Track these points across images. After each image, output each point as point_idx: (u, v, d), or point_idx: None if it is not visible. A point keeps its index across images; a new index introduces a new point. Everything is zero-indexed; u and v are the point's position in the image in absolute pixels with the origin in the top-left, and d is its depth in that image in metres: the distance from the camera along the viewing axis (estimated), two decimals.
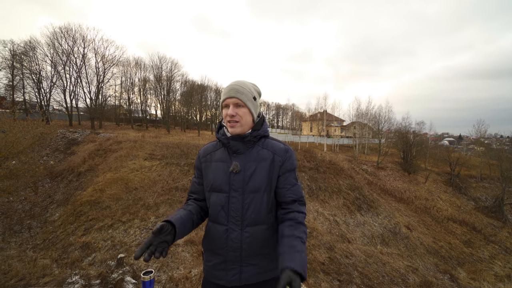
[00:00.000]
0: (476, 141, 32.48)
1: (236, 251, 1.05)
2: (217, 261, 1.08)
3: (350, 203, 13.06)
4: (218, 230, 1.08)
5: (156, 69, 27.61)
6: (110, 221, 7.56)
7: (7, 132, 8.06)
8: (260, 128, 1.14)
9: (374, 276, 6.95)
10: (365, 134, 29.47)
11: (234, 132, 1.09)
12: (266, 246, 1.07)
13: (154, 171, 11.03)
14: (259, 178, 1.07)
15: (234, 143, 1.10)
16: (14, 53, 19.69)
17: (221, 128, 1.18)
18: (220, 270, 1.07)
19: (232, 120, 1.07)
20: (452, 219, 15.39)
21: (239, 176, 1.07)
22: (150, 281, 1.40)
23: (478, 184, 22.21)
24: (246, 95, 1.09)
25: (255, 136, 1.11)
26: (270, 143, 1.15)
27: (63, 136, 16.38)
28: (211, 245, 1.11)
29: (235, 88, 1.08)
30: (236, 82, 1.12)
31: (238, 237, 1.05)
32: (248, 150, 1.11)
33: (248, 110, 1.10)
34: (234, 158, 1.10)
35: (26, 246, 6.99)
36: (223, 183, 1.08)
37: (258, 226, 1.06)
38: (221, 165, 1.11)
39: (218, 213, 1.09)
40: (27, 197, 9.29)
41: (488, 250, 12.64)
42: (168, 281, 5.38)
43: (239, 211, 1.06)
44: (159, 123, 31.40)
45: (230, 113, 1.06)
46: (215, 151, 1.17)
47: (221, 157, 1.13)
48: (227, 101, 1.08)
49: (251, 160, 1.09)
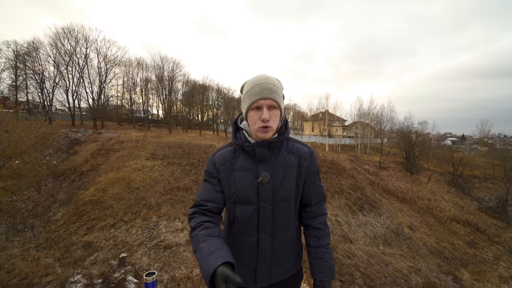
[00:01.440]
0: (479, 141, 32.21)
1: (266, 259, 1.05)
2: (245, 271, 1.05)
3: (352, 203, 13.00)
4: (248, 241, 1.03)
5: (158, 69, 27.68)
6: (112, 221, 7.58)
7: (10, 132, 8.12)
8: (285, 130, 1.05)
9: (377, 277, 6.91)
10: (367, 134, 29.35)
11: (265, 138, 0.97)
12: (292, 246, 1.11)
13: (156, 171, 11.05)
14: (288, 186, 1.02)
15: (259, 150, 0.98)
16: (18, 53, 19.80)
17: (237, 131, 1.07)
18: (249, 276, 1.06)
19: (265, 125, 0.93)
20: (455, 219, 15.27)
21: (268, 186, 0.99)
22: (152, 283, 1.39)
23: (481, 184, 22.02)
24: (279, 94, 0.97)
25: (281, 141, 1.02)
26: (295, 146, 1.07)
27: (65, 136, 16.47)
28: (237, 257, 0.94)
29: (269, 87, 0.94)
30: (266, 79, 0.96)
31: (268, 245, 1.03)
32: (274, 156, 1.02)
33: (280, 112, 0.99)
34: (260, 166, 1.00)
35: (29, 245, 7.03)
36: (251, 195, 0.99)
37: (288, 232, 1.08)
38: (246, 175, 1.00)
39: (247, 225, 1.03)
40: (30, 196, 9.35)
41: (492, 251, 12.52)
42: (170, 281, 5.39)
43: (270, 220, 1.02)
44: (160, 123, 31.47)
45: (265, 118, 0.92)
46: (235, 159, 1.03)
47: (244, 166, 1.01)
48: (260, 102, 0.93)
49: (279, 168, 1.01)
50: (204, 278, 0.74)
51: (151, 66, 27.73)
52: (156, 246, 6.69)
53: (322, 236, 1.10)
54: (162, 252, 6.49)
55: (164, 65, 27.82)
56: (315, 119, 34.85)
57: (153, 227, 7.50)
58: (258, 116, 0.94)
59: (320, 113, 31.52)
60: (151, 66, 27.73)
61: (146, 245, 6.72)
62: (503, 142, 30.83)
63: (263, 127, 0.94)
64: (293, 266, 1.13)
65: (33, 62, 20.36)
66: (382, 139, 25.72)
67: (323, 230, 1.11)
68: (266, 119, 0.92)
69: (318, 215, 1.13)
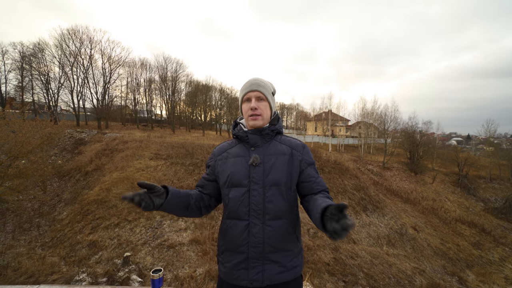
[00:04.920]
0: (485, 141, 31.77)
1: (258, 246, 1.02)
2: (238, 260, 1.04)
3: (355, 204, 12.93)
4: (239, 225, 1.05)
5: (161, 69, 27.86)
6: (116, 220, 7.65)
7: (17, 132, 8.24)
8: (276, 123, 1.18)
9: (380, 278, 6.87)
10: (371, 134, 29.16)
11: (255, 125, 1.11)
12: (287, 241, 1.07)
13: (160, 171, 11.12)
14: (279, 171, 1.07)
15: (252, 136, 1.12)
16: (24, 54, 20.10)
17: (236, 126, 1.21)
18: (242, 270, 1.03)
19: (254, 114, 1.10)
20: (460, 220, 15.09)
21: (259, 169, 1.07)
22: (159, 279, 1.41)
23: (487, 185, 21.72)
24: (267, 89, 1.14)
25: (272, 130, 1.14)
26: (287, 139, 1.18)
27: (70, 136, 16.65)
28: (230, 244, 1.07)
29: (256, 82, 1.13)
30: (255, 79, 1.16)
31: (260, 231, 1.03)
32: (266, 144, 1.13)
33: (268, 104, 1.14)
34: (253, 152, 1.10)
35: (35, 244, 7.13)
36: (242, 177, 1.07)
37: (280, 220, 1.05)
38: (239, 160, 1.11)
39: (238, 208, 1.06)
40: (36, 196, 9.48)
41: (498, 252, 12.35)
42: (173, 280, 5.42)
43: (260, 204, 1.04)
44: (164, 123, 31.65)
45: (253, 106, 1.09)
46: (231, 148, 1.17)
47: (239, 152, 1.13)
48: (249, 94, 1.12)
49: (270, 154, 1.10)
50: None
51: (154, 67, 27.95)
52: (160, 245, 6.73)
53: (328, 199, 1.01)
54: (166, 251, 6.53)
55: (167, 65, 28.03)
56: (318, 119, 34.74)
57: (156, 227, 7.55)
58: (249, 107, 1.11)
59: (323, 113, 31.41)
60: (154, 67, 27.95)
61: (150, 244, 6.77)
62: (509, 142, 30.38)
63: (252, 115, 1.10)
64: (290, 269, 1.05)
65: (38, 63, 20.65)
66: (385, 139, 25.51)
67: (330, 199, 1.02)
68: (254, 107, 1.09)
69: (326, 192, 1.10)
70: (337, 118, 36.85)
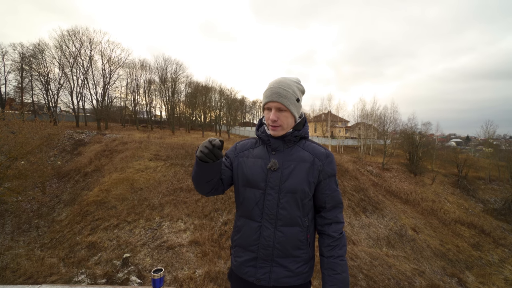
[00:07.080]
0: (484, 142, 31.85)
1: (267, 249, 1.05)
2: (248, 257, 1.08)
3: (355, 205, 12.92)
4: (251, 226, 1.08)
5: (161, 70, 27.85)
6: (115, 221, 7.64)
7: (16, 133, 8.24)
8: (301, 128, 1.13)
9: (380, 279, 6.87)
10: (370, 135, 29.19)
11: (275, 135, 1.09)
12: (298, 249, 1.06)
13: (159, 172, 11.11)
14: (297, 179, 1.05)
15: (274, 141, 1.10)
16: (23, 55, 20.11)
17: (261, 126, 1.18)
18: (250, 267, 1.07)
19: (273, 125, 1.06)
20: (459, 221, 15.10)
21: (277, 174, 1.06)
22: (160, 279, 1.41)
23: (486, 186, 21.75)
24: (290, 98, 1.04)
25: (295, 136, 1.11)
26: (311, 145, 1.13)
27: (70, 137, 16.64)
28: (242, 241, 1.10)
29: (277, 91, 1.03)
30: (279, 83, 1.06)
31: (271, 235, 1.04)
32: (288, 149, 1.11)
33: (290, 114, 1.07)
34: (273, 156, 1.09)
35: (34, 245, 7.10)
36: (259, 180, 1.07)
37: (292, 227, 1.05)
38: (259, 162, 1.10)
39: (252, 209, 1.08)
40: (35, 196, 9.46)
41: (497, 253, 12.36)
42: (173, 281, 5.41)
43: (274, 209, 1.05)
44: (163, 124, 31.66)
45: (272, 118, 1.04)
46: (254, 148, 1.17)
47: (260, 154, 1.13)
48: (269, 104, 1.05)
49: (290, 160, 1.08)
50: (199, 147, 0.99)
51: (154, 68, 27.94)
52: (159, 246, 6.72)
53: (336, 246, 1.05)
54: (165, 252, 6.52)
55: (167, 66, 28.03)
56: (317, 120, 34.75)
57: (156, 228, 7.54)
58: (269, 116, 1.07)
59: (322, 114, 31.43)
60: (154, 68, 27.94)
61: (149, 245, 6.76)
62: (508, 143, 30.45)
63: (272, 125, 1.07)
64: (298, 275, 1.06)
65: (38, 64, 20.66)
66: (385, 140, 25.56)
67: (339, 240, 1.06)
68: (272, 119, 1.05)
69: (334, 222, 1.09)
70: (336, 119, 36.90)
